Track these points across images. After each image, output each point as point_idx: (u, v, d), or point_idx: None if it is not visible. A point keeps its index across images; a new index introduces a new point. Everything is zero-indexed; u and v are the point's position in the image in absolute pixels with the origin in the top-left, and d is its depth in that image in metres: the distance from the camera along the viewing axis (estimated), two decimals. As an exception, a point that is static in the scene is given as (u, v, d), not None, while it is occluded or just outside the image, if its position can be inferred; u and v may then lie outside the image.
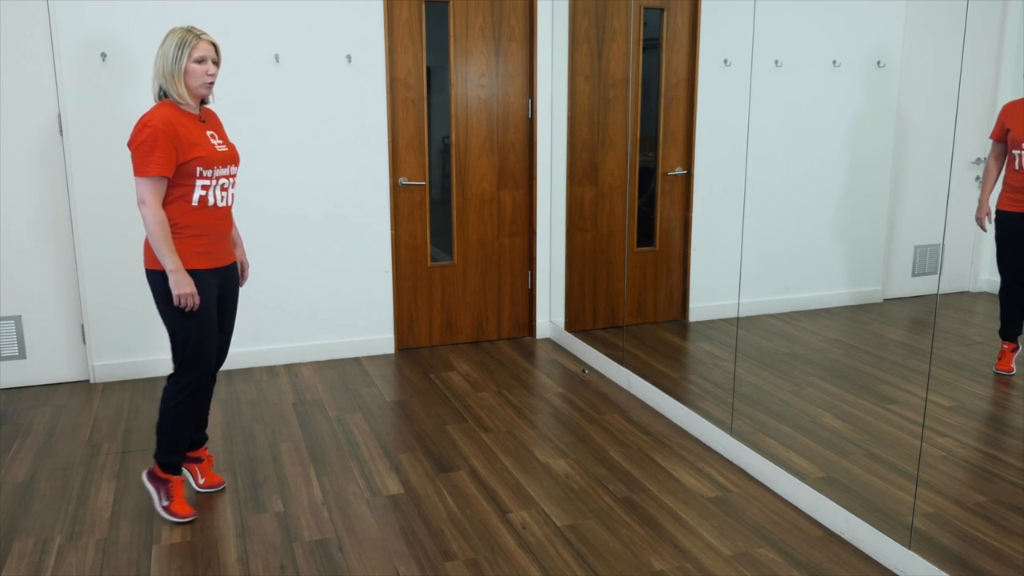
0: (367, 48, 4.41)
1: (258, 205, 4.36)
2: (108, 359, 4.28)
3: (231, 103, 4.23)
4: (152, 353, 4.34)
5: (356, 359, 4.67)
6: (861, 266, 3.41)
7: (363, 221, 4.57)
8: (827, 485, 2.94)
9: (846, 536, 2.77)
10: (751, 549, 2.72)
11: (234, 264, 2.96)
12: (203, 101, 2.84)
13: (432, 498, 3.06)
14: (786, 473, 3.05)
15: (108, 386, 4.23)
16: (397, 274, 4.74)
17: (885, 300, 3.35)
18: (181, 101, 2.73)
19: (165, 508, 2.88)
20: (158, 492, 2.91)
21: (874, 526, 2.66)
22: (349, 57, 4.37)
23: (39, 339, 4.18)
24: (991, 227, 3.43)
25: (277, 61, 4.26)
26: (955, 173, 2.78)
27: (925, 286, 3.10)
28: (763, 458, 3.17)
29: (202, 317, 2.77)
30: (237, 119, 4.25)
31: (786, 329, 3.64)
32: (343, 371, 4.46)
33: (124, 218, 4.16)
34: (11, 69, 3.91)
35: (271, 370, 4.47)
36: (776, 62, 3.40)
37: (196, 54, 2.70)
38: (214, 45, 2.75)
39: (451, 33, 4.59)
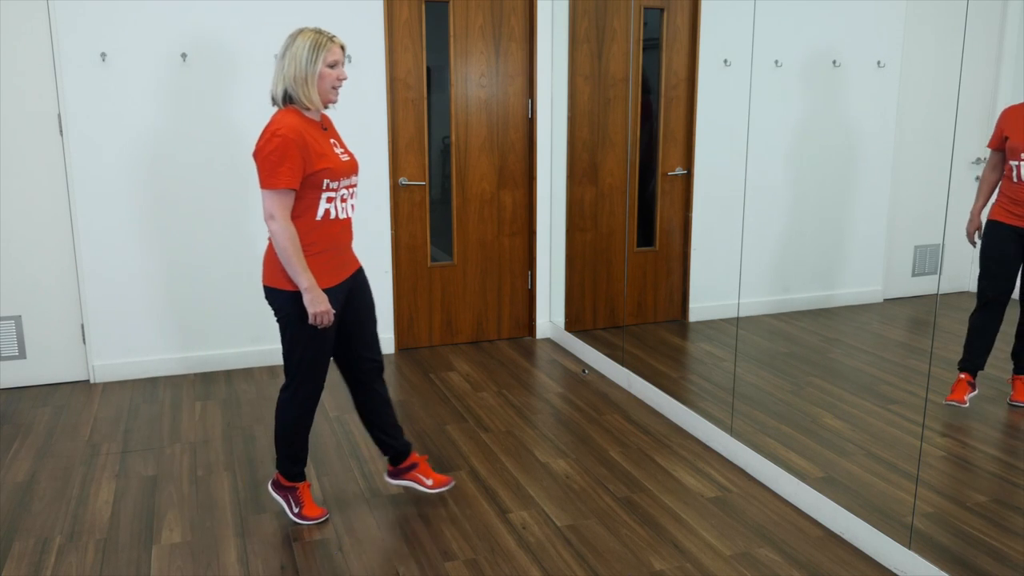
0: (367, 48, 4.41)
1: (258, 204, 4.36)
2: (108, 359, 4.28)
3: (231, 103, 4.23)
4: (152, 353, 4.34)
5: (356, 359, 4.67)
6: (861, 266, 3.41)
7: (363, 221, 4.57)
8: (827, 485, 2.94)
9: (846, 536, 2.77)
10: (751, 549, 2.72)
11: (359, 268, 2.84)
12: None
13: (432, 498, 3.06)
14: (786, 473, 3.05)
15: (108, 386, 4.23)
16: (397, 274, 4.74)
17: (885, 300, 3.35)
18: (310, 107, 2.58)
19: (297, 514, 2.85)
20: (287, 500, 2.87)
21: (874, 526, 2.66)
22: (349, 57, 4.37)
23: (39, 339, 4.18)
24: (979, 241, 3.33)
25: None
26: (955, 173, 2.78)
27: (925, 286, 3.11)
28: (763, 458, 3.17)
29: (326, 333, 2.68)
30: (237, 119, 4.25)
31: (786, 329, 3.64)
32: (343, 371, 4.46)
33: (124, 218, 4.16)
34: (11, 69, 3.91)
35: (271, 370, 4.47)
36: (776, 62, 3.40)
37: (330, 58, 2.56)
38: (343, 48, 2.62)
39: (451, 33, 4.59)
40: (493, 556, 2.68)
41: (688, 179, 4.63)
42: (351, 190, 2.70)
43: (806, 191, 3.54)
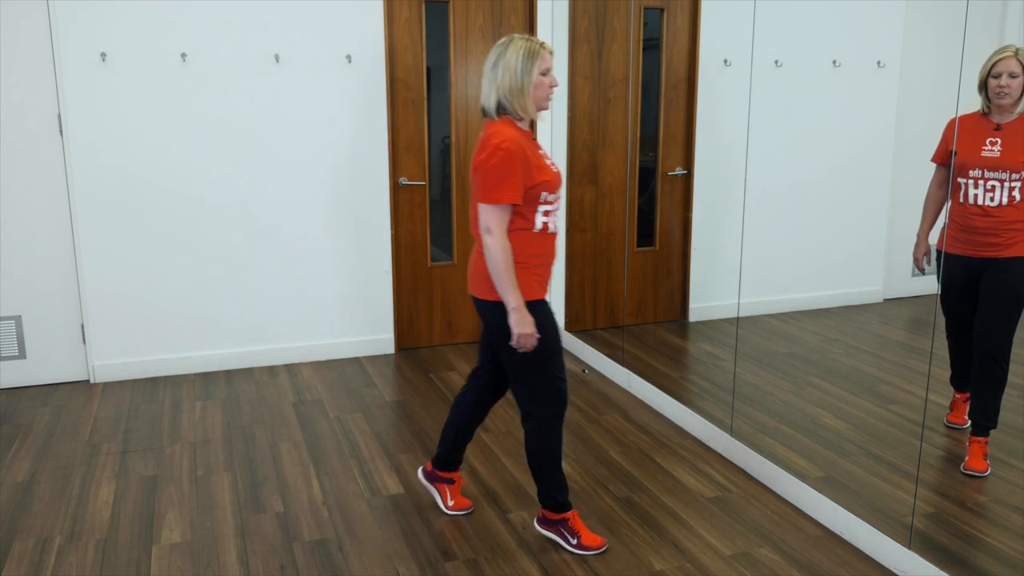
0: (367, 48, 4.41)
1: (258, 204, 4.36)
2: (108, 359, 4.28)
3: (231, 103, 4.23)
4: (152, 353, 4.34)
5: (356, 359, 4.67)
6: (861, 266, 3.41)
7: (363, 221, 4.57)
8: (827, 485, 2.94)
9: (846, 536, 2.77)
10: (751, 549, 2.72)
11: None
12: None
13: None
14: (786, 473, 3.05)
15: (108, 386, 4.23)
16: (397, 274, 4.74)
17: (885, 300, 3.35)
18: (524, 117, 2.51)
19: (576, 545, 2.69)
20: (560, 535, 2.72)
21: (874, 526, 2.66)
22: (349, 57, 4.37)
23: (39, 339, 4.18)
24: (932, 270, 3.09)
25: (277, 61, 4.26)
26: (955, 173, 2.78)
27: (925, 286, 3.10)
28: (763, 458, 3.17)
29: (556, 346, 2.60)
30: (237, 119, 4.25)
31: (786, 329, 3.64)
32: (343, 371, 4.46)
33: (124, 218, 4.16)
34: (11, 69, 3.91)
35: (271, 370, 4.47)
36: (776, 62, 3.40)
37: (543, 65, 2.48)
38: (551, 53, 2.54)
39: (451, 33, 4.59)
40: (493, 556, 2.68)
41: (688, 179, 4.63)
42: (559, 204, 2.62)
43: (806, 191, 3.54)
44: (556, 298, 5.02)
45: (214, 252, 4.33)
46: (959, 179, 2.87)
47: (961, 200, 2.87)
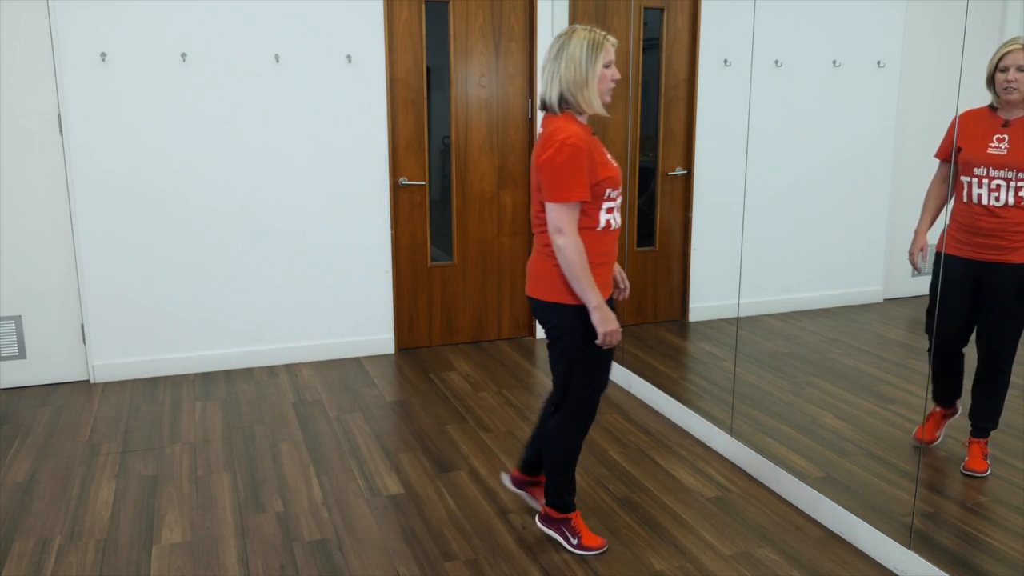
0: (367, 48, 4.41)
1: (258, 204, 4.36)
2: (108, 359, 4.28)
3: (231, 103, 4.23)
4: (152, 353, 4.34)
5: (356, 359, 4.67)
6: (861, 266, 3.41)
7: (363, 221, 4.57)
8: (827, 485, 2.94)
9: (846, 536, 2.77)
10: (751, 549, 2.72)
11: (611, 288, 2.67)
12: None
13: (432, 498, 3.06)
14: (786, 473, 3.05)
15: (108, 386, 4.23)
16: (397, 274, 4.74)
17: (885, 300, 3.35)
18: (587, 111, 2.45)
19: (577, 545, 2.68)
20: (561, 534, 2.71)
21: (874, 526, 2.66)
22: (349, 57, 4.37)
23: (39, 339, 4.18)
24: (927, 269, 2.96)
25: (277, 61, 4.26)
26: (955, 172, 2.77)
27: (925, 286, 3.10)
28: (763, 458, 3.17)
29: (607, 352, 2.57)
30: (237, 119, 4.25)
31: (786, 329, 3.64)
32: (343, 371, 4.46)
33: (124, 218, 4.16)
34: (11, 69, 3.91)
35: (271, 370, 4.47)
36: (776, 62, 3.40)
37: (607, 57, 2.41)
38: (614, 45, 2.45)
39: (451, 33, 4.59)
40: (493, 556, 2.68)
41: (688, 179, 4.63)
42: (620, 200, 2.56)
43: (806, 191, 3.54)
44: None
45: (214, 252, 4.33)
46: (962, 177, 2.77)
47: (965, 199, 2.77)
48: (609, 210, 2.49)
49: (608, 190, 2.45)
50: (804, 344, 3.47)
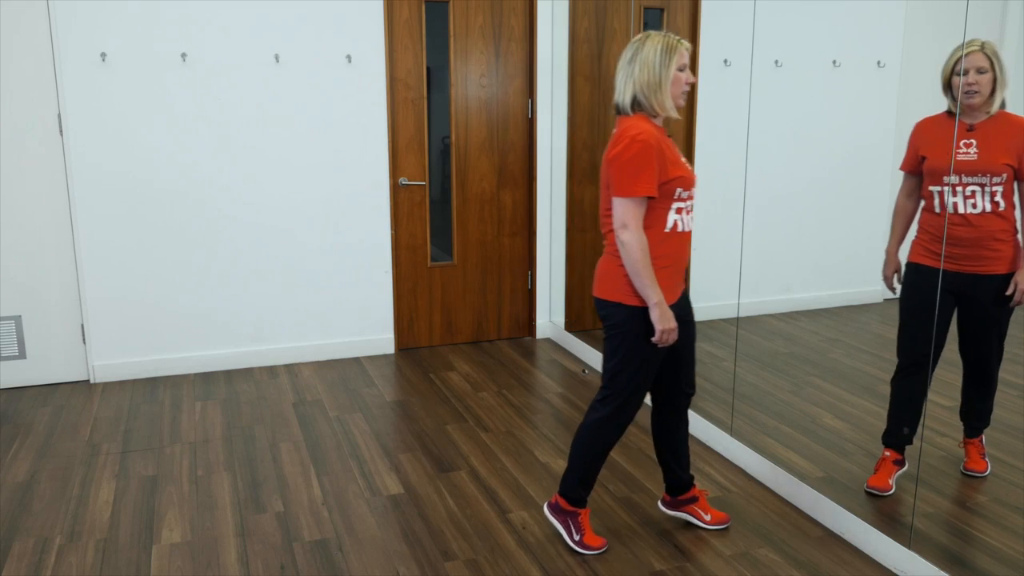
0: (367, 48, 4.41)
1: (258, 204, 4.36)
2: (108, 359, 4.28)
3: (231, 103, 4.23)
4: (152, 353, 4.34)
5: (356, 359, 4.67)
6: (861, 266, 3.41)
7: (363, 221, 4.57)
8: (827, 485, 2.94)
9: (846, 536, 2.77)
10: (751, 549, 2.72)
11: (686, 291, 2.68)
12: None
13: (432, 498, 3.06)
14: (786, 473, 3.05)
15: (108, 386, 4.23)
16: (397, 274, 4.74)
17: (885, 300, 3.34)
18: (659, 113, 2.46)
19: (578, 542, 2.69)
20: (566, 526, 2.71)
21: (874, 526, 2.66)
22: (349, 57, 4.37)
23: (39, 339, 4.18)
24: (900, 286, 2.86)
25: (277, 61, 4.26)
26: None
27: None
28: (763, 458, 3.17)
29: (661, 355, 2.56)
30: (237, 119, 4.25)
31: (786, 329, 3.64)
32: (343, 371, 4.46)
33: (124, 218, 4.16)
34: (11, 69, 3.91)
35: (271, 370, 4.47)
36: (776, 62, 3.40)
37: (680, 61, 2.44)
38: (688, 50, 2.48)
39: (451, 33, 4.59)
40: (493, 556, 2.68)
41: (688, 179, 4.62)
42: (692, 202, 2.56)
43: (806, 191, 3.53)
44: (556, 298, 5.02)
45: (214, 252, 4.33)
46: (931, 187, 2.69)
47: (937, 210, 2.69)
48: (679, 211, 2.48)
49: (679, 190, 2.45)
50: (804, 344, 3.47)
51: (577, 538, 2.70)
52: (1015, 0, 2.55)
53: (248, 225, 4.36)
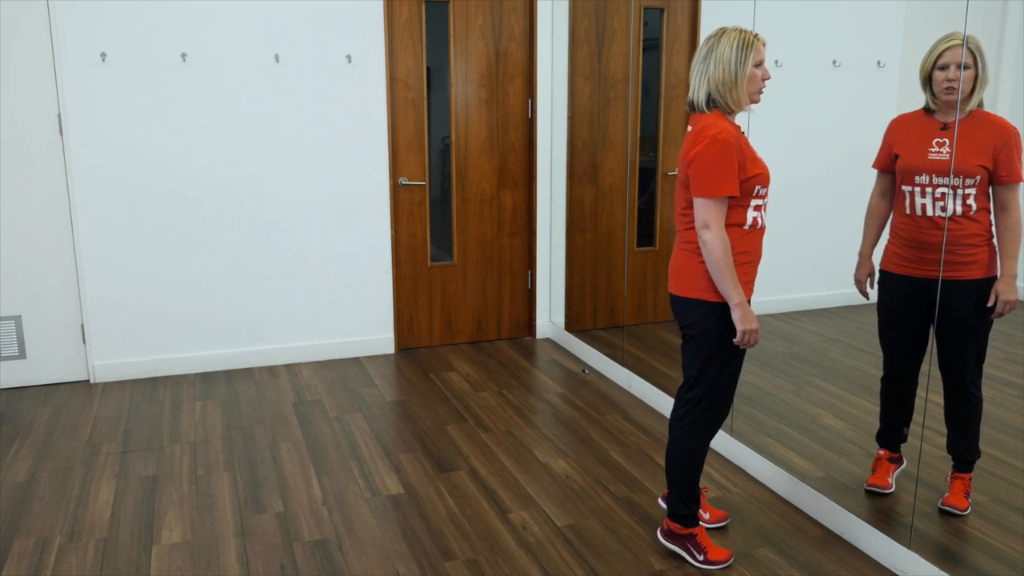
0: (367, 48, 4.41)
1: (258, 204, 4.36)
2: (108, 359, 4.28)
3: (231, 103, 4.23)
4: (152, 353, 4.34)
5: (356, 359, 4.67)
6: (861, 266, 3.40)
7: (363, 221, 4.57)
8: (827, 485, 2.94)
9: (846, 536, 2.77)
10: (751, 549, 2.72)
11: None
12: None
13: (432, 498, 3.06)
14: (786, 473, 3.05)
15: (108, 386, 4.23)
16: (397, 274, 4.74)
17: (885, 300, 3.33)
18: (736, 110, 2.44)
19: (704, 560, 2.61)
20: (687, 550, 2.64)
21: (874, 526, 2.66)
22: (349, 57, 4.37)
23: (39, 339, 4.18)
24: (875, 292, 2.76)
25: (277, 61, 4.26)
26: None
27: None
28: (763, 458, 3.17)
29: (743, 354, 2.54)
30: (237, 119, 4.25)
31: (786, 329, 3.64)
32: (343, 371, 4.46)
33: (124, 218, 4.16)
34: (11, 69, 3.91)
35: (271, 370, 4.47)
36: (776, 62, 3.40)
37: (757, 57, 2.39)
38: (765, 45, 2.44)
39: (451, 33, 4.59)
40: (493, 556, 2.68)
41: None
42: (768, 199, 2.51)
43: (806, 190, 3.53)
44: (556, 298, 5.02)
45: (214, 252, 4.33)
46: (903, 187, 2.57)
47: (908, 211, 2.57)
48: (757, 208, 2.46)
49: (757, 187, 2.43)
50: (804, 344, 3.47)
51: (701, 558, 2.61)
52: (1015, 0, 2.55)
53: (248, 224, 4.36)
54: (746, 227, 2.45)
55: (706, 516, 2.84)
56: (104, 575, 2.58)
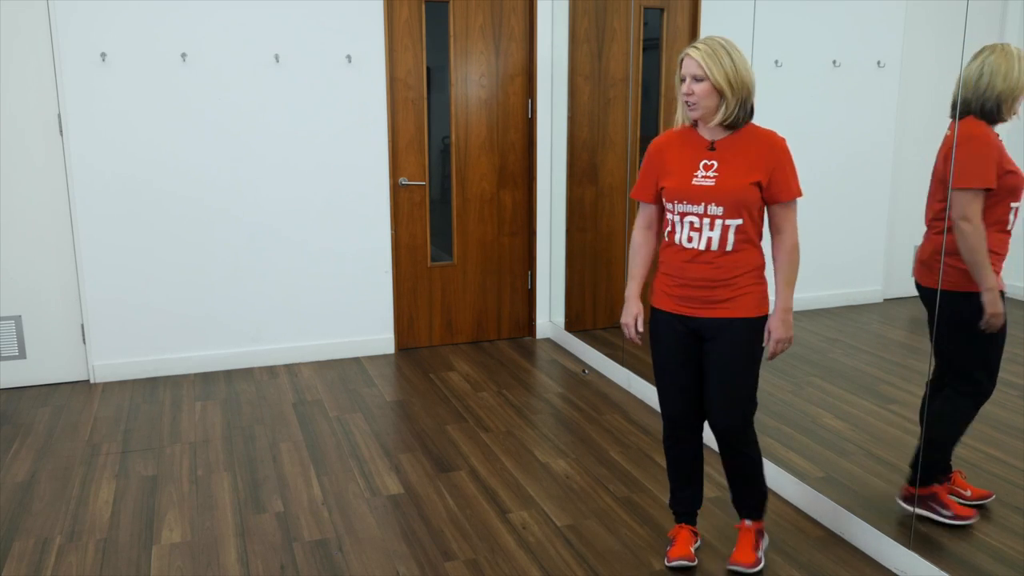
0: (367, 48, 4.41)
1: (258, 204, 4.36)
2: (108, 359, 4.28)
3: (231, 103, 4.23)
4: (152, 353, 4.34)
5: (356, 359, 4.67)
6: (861, 266, 3.41)
7: (363, 221, 4.57)
8: (827, 485, 2.94)
9: (846, 536, 2.77)
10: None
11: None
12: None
13: (432, 498, 3.06)
14: (786, 473, 3.05)
15: (108, 386, 4.23)
16: (397, 274, 4.74)
17: (885, 300, 3.34)
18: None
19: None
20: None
21: (874, 526, 2.66)
22: (349, 57, 4.37)
23: (39, 339, 4.18)
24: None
25: (277, 61, 4.26)
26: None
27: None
28: (763, 458, 3.16)
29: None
30: (237, 119, 4.25)
31: (786, 329, 3.63)
32: (343, 371, 4.46)
33: (124, 218, 4.16)
34: (11, 69, 3.91)
35: (271, 370, 4.47)
36: (776, 62, 3.40)
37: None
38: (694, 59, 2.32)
39: (451, 33, 4.59)
40: (493, 556, 2.68)
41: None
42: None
43: (805, 190, 3.53)
44: (556, 298, 5.02)
45: (214, 252, 4.33)
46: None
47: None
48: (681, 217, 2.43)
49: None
50: (804, 344, 3.47)
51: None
52: (1015, 0, 2.55)
53: (248, 224, 4.37)
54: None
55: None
56: (104, 575, 2.58)
